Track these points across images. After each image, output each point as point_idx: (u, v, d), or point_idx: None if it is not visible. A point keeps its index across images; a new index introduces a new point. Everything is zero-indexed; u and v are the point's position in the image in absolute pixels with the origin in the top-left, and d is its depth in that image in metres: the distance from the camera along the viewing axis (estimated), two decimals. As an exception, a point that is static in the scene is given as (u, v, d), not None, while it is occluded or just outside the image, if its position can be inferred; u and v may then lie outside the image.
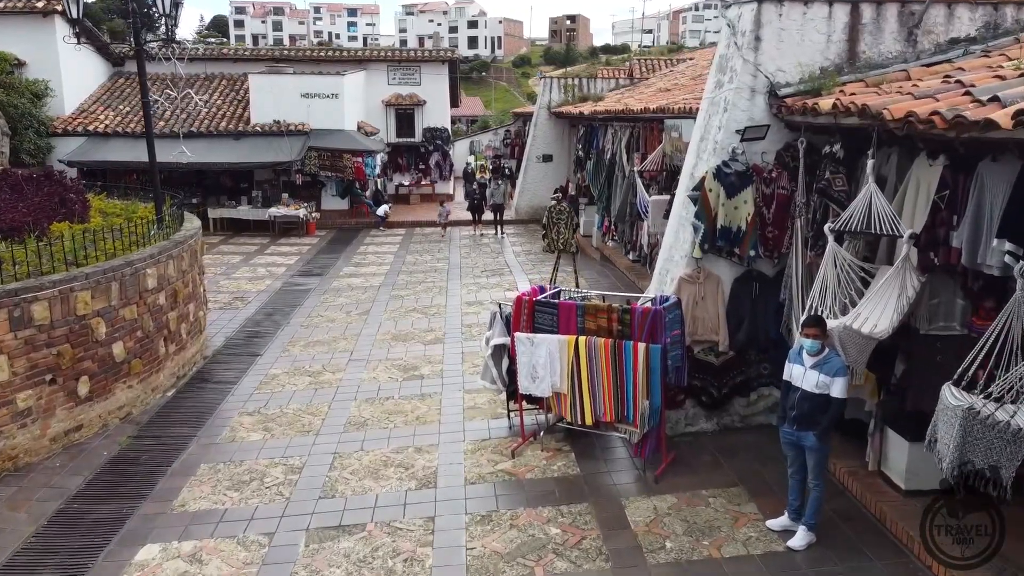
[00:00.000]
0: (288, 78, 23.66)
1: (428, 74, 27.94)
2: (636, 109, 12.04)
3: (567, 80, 23.58)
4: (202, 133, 22.85)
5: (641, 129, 13.31)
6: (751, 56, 6.95)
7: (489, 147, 40.09)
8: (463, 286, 15.00)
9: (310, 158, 22.57)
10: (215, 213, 22.17)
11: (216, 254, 19.09)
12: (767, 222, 7.19)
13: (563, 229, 13.64)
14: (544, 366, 7.16)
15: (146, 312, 9.05)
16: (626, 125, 15.11)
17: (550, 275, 14.42)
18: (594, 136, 18.92)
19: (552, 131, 23.62)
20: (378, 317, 12.91)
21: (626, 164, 14.46)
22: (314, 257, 18.82)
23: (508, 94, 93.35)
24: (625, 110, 12.73)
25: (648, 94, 16.83)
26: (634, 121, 14.13)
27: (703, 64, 21.61)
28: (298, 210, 21.66)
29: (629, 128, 14.91)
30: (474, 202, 21.48)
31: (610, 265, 16.24)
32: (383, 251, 19.60)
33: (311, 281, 16.00)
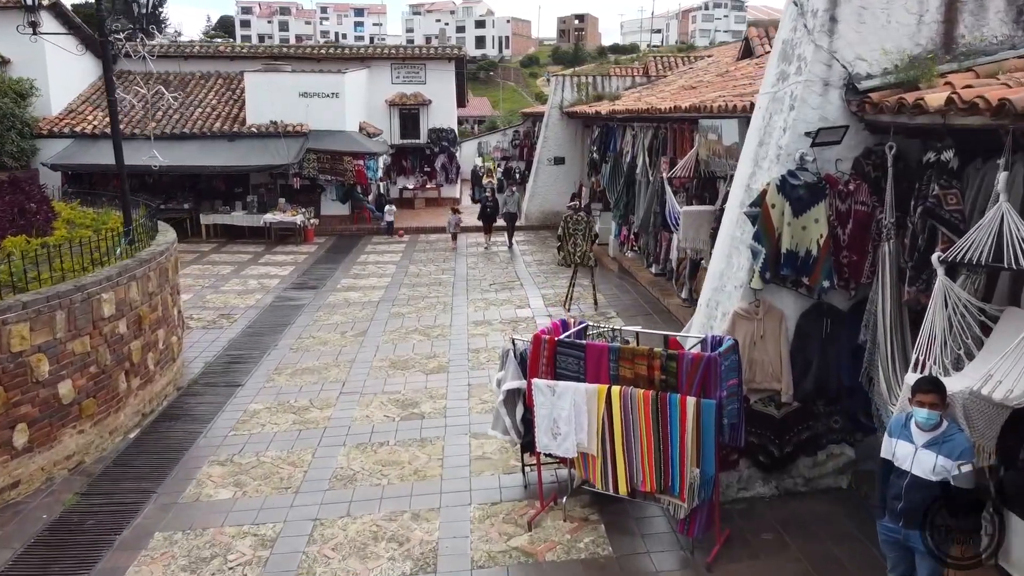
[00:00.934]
0: (286, 76, 22.43)
1: (434, 72, 26.68)
2: (663, 108, 10.73)
3: (580, 78, 22.27)
4: (195, 135, 21.64)
5: (668, 130, 11.99)
6: (824, 41, 5.63)
7: (497, 148, 38.79)
8: (470, 302, 13.70)
9: (308, 160, 21.33)
10: (208, 219, 20.95)
11: (206, 263, 17.86)
12: (842, 245, 5.86)
13: (580, 241, 12.32)
14: (568, 420, 5.86)
15: (102, 344, 7.79)
16: (648, 126, 13.80)
17: (565, 291, 13.10)
18: (611, 137, 17.60)
19: (564, 132, 22.32)
20: (375, 339, 11.63)
21: (648, 169, 13.15)
22: (310, 267, 17.56)
23: (516, 94, 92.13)
24: (650, 109, 11.43)
25: (671, 92, 15.51)
26: (659, 121, 12.81)
27: (725, 60, 20.28)
28: (295, 216, 20.42)
29: (651, 129, 13.59)
30: (486, 211, 19.66)
31: (630, 279, 14.91)
32: (384, 260, 18.33)
33: (305, 295, 14.74)
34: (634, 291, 13.92)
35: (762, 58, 16.12)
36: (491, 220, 19.68)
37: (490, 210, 19.62)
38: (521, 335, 7.01)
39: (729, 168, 8.60)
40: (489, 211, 19.61)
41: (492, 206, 19.60)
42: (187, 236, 21.26)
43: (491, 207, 19.60)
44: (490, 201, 19.68)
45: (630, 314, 12.31)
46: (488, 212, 19.61)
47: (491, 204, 19.64)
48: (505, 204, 19.55)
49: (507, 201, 19.65)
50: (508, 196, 19.89)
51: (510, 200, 19.72)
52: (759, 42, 17.34)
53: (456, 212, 20.05)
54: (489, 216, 19.63)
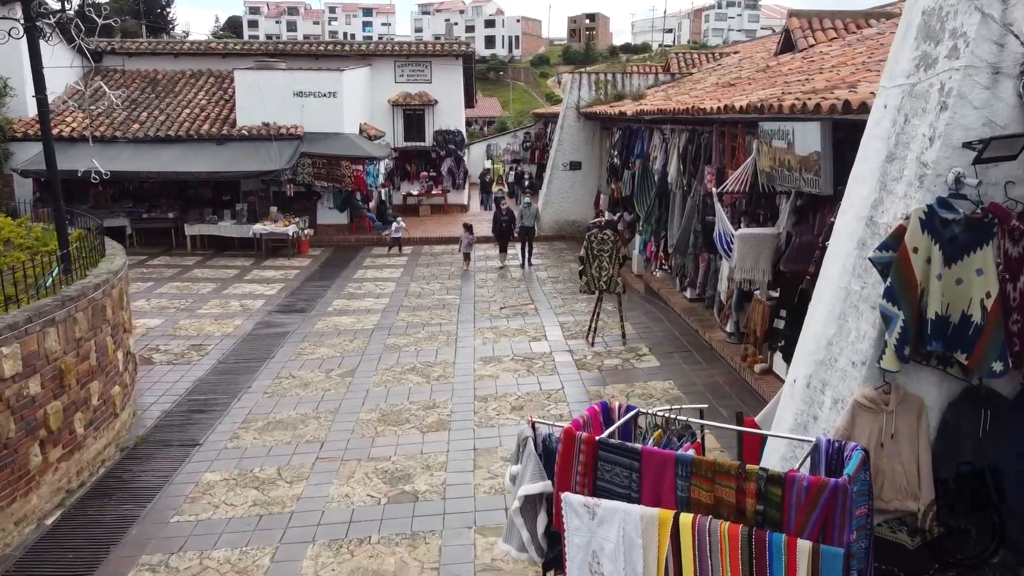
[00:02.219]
0: (279, 74, 20.73)
1: (440, 70, 24.95)
2: (710, 108, 8.93)
3: (598, 76, 20.47)
4: (180, 137, 19.98)
5: (711, 134, 10.18)
6: (996, 8, 3.82)
7: (507, 151, 37.04)
8: (477, 332, 11.92)
9: (303, 166, 19.63)
10: (192, 230, 19.26)
11: (187, 280, 16.15)
12: (1012, 306, 4.05)
13: (607, 264, 10.53)
14: (614, 556, 4.06)
15: (3, 411, 6.06)
16: (681, 128, 12.01)
17: (588, 320, 11.28)
18: (635, 141, 15.80)
19: (581, 134, 20.52)
20: (365, 380, 9.88)
21: (682, 179, 11.35)
22: (301, 285, 15.83)
23: (526, 94, 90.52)
24: (690, 109, 9.61)
25: (705, 90, 13.70)
26: (697, 124, 11.01)
27: (760, 56, 18.46)
28: (287, 226, 18.71)
29: (685, 132, 11.81)
30: (501, 226, 17.36)
31: (659, 303, 13.09)
32: (384, 277, 16.59)
33: (291, 321, 13.00)
34: (666, 319, 12.08)
35: (807, 52, 14.30)
36: (507, 236, 17.47)
37: (505, 224, 17.39)
38: (544, 419, 5.23)
39: (804, 183, 6.80)
40: (504, 225, 17.38)
41: (507, 220, 17.40)
42: (172, 248, 19.65)
43: (506, 221, 17.38)
44: (505, 215, 17.43)
45: (665, 350, 10.50)
46: (503, 227, 17.37)
47: (506, 218, 17.40)
48: (522, 217, 17.33)
49: (524, 214, 17.41)
50: (525, 208, 17.63)
51: (527, 213, 17.44)
52: (801, 34, 15.51)
53: (469, 230, 17.26)
54: (504, 231, 17.41)
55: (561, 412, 8.48)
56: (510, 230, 17.39)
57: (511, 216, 17.49)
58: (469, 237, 17.07)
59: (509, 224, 17.39)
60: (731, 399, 8.52)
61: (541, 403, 8.78)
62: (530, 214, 17.45)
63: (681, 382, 9.17)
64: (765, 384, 8.52)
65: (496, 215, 17.73)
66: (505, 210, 17.63)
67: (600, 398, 8.84)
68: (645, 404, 8.54)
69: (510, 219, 17.43)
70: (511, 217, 17.47)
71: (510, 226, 17.40)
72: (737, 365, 9.30)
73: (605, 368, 9.90)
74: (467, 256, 17.05)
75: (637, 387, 9.12)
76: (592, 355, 10.46)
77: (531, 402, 8.80)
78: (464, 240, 17.06)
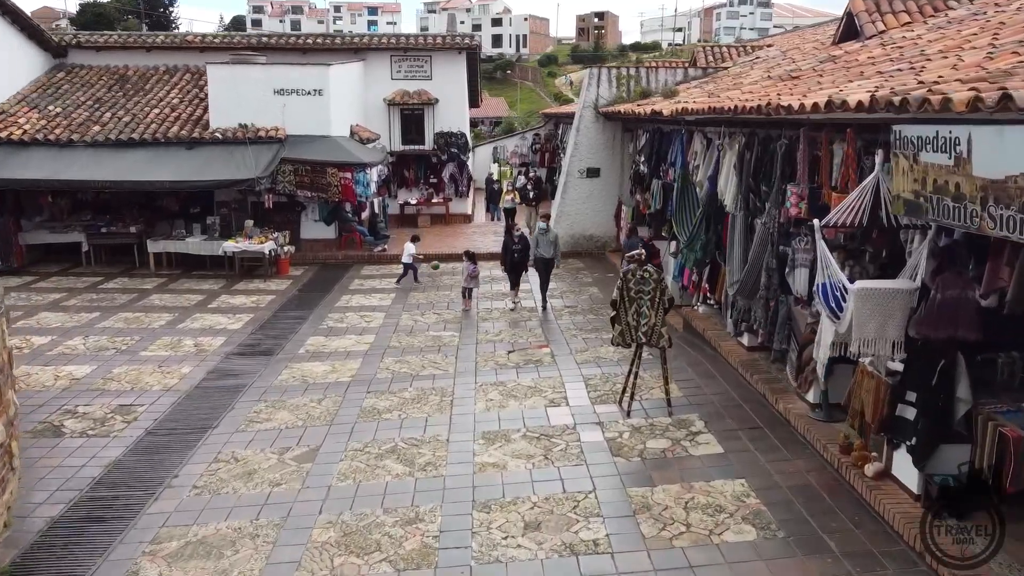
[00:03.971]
0: (257, 69, 18.30)
1: (441, 66, 22.48)
2: (803, 106, 6.36)
3: (619, 71, 17.98)
4: (145, 141, 17.56)
5: (800, 140, 7.64)
6: None
7: (515, 153, 34.60)
8: (479, 390, 9.42)
9: (283, 173, 17.20)
10: (156, 246, 16.83)
11: (139, 310, 13.73)
12: None
13: (647, 309, 8.03)
14: None
15: None
16: (736, 132, 9.53)
17: (624, 379, 8.76)
18: (668, 146, 13.33)
19: (600, 137, 18.02)
20: (329, 469, 7.40)
21: (740, 198, 8.84)
22: (274, 316, 13.39)
23: (533, 94, 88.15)
24: (770, 107, 6.97)
25: (761, 84, 11.17)
26: (762, 126, 8.52)
27: (808, 46, 15.95)
28: (263, 243, 16.26)
29: (740, 136, 9.34)
30: (513, 258, 13.64)
31: (705, 349, 10.57)
32: (371, 305, 14.13)
33: (251, 368, 10.57)
34: (719, 374, 9.52)
35: (882, 38, 11.79)
36: (519, 270, 13.87)
37: (518, 255, 13.59)
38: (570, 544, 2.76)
39: (994, 223, 4.29)
40: (516, 257, 13.61)
41: (520, 249, 13.59)
42: (135, 267, 17.25)
43: (519, 251, 13.57)
44: (517, 243, 13.59)
45: (726, 426, 7.95)
46: (515, 259, 13.63)
47: (518, 247, 13.57)
48: (537, 245, 13.47)
49: (539, 241, 13.45)
50: (540, 234, 13.52)
51: (543, 240, 13.40)
52: (868, 18, 12.97)
53: (471, 259, 13.55)
54: (517, 264, 13.74)
55: (595, 536, 5.99)
56: (523, 262, 13.73)
57: (524, 244, 13.71)
58: (471, 268, 13.50)
59: (523, 255, 13.65)
60: (838, 518, 6.00)
61: (566, 519, 6.28)
62: (547, 241, 13.42)
63: (758, 483, 6.65)
64: (883, 495, 6.02)
65: (506, 244, 13.92)
66: (518, 237, 13.79)
67: (646, 507, 6.36)
68: (713, 523, 6.04)
69: (524, 248, 13.68)
70: (524, 245, 13.69)
71: (524, 257, 13.67)
72: (833, 457, 6.79)
73: (649, 454, 7.40)
74: (467, 293, 13.60)
75: (698, 490, 6.62)
76: (629, 430, 7.96)
77: (551, 517, 6.31)
78: (464, 272, 13.69)
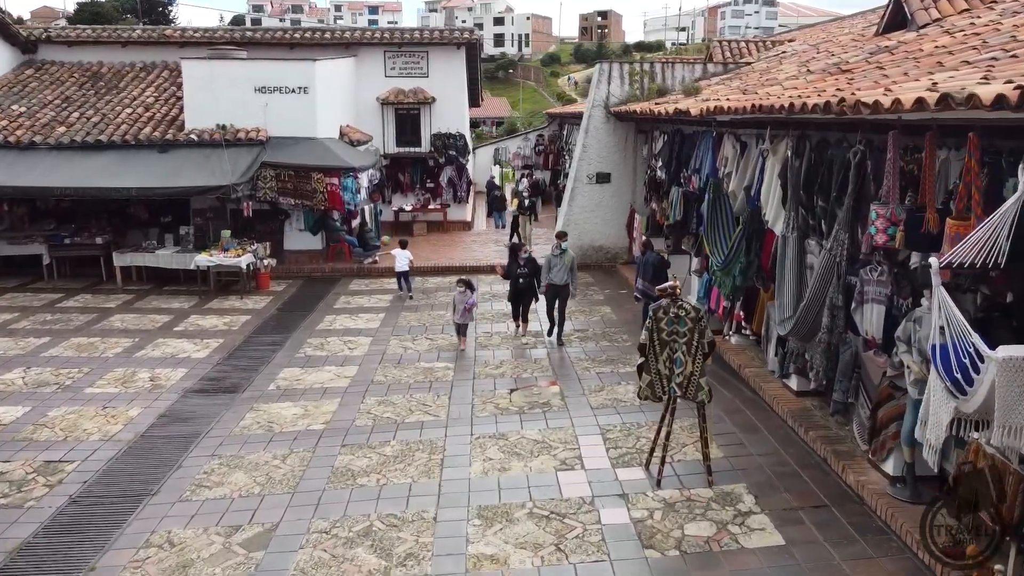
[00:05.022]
0: (237, 65, 16.78)
1: (439, 62, 20.93)
2: (896, 103, 4.77)
3: (632, 67, 16.43)
4: (114, 143, 16.05)
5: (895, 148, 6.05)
6: None
7: (517, 155, 33.05)
8: (475, 444, 7.87)
9: (264, 179, 15.67)
10: (123, 259, 15.28)
11: (96, 334, 12.20)
12: None
13: (683, 355, 6.48)
14: None
15: None
16: (781, 135, 7.99)
17: (652, 440, 7.18)
18: (693, 150, 11.79)
19: (610, 139, 16.48)
20: (285, 562, 5.85)
21: (792, 216, 7.29)
22: (247, 341, 11.86)
23: (536, 94, 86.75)
24: (849, 104, 5.36)
25: (807, 79, 9.60)
26: (831, 128, 6.98)
27: (842, 38, 14.42)
28: (240, 256, 14.72)
29: (785, 140, 7.81)
30: (518, 285, 11.51)
31: (740, 388, 9.00)
32: (358, 327, 12.59)
33: (211, 410, 9.03)
34: (764, 424, 7.96)
35: (941, 26, 10.25)
36: (525, 298, 11.62)
37: (524, 282, 11.41)
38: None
39: None
40: (522, 284, 11.42)
41: (528, 274, 11.41)
42: (101, 282, 15.74)
43: (525, 276, 11.40)
44: (524, 267, 11.42)
45: (782, 503, 6.37)
46: (521, 286, 11.45)
47: (525, 271, 11.41)
48: (550, 268, 11.21)
49: (553, 264, 11.19)
50: (554, 256, 11.22)
51: (557, 263, 11.14)
52: (920, 5, 11.42)
53: (468, 287, 11.03)
54: (522, 292, 11.52)
55: None
56: (532, 289, 11.55)
57: (533, 268, 11.47)
58: (468, 300, 10.90)
59: (530, 280, 11.45)
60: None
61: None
62: (562, 265, 11.12)
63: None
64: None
65: (511, 268, 11.71)
66: (525, 259, 11.53)
67: (694, 630, 4.80)
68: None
69: (531, 273, 11.44)
70: (533, 269, 11.47)
71: (532, 283, 11.48)
72: (931, 561, 5.22)
73: (690, 546, 5.84)
74: (463, 330, 11.19)
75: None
76: (661, 507, 6.40)
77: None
78: (458, 306, 10.92)
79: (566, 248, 11.30)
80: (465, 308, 10.91)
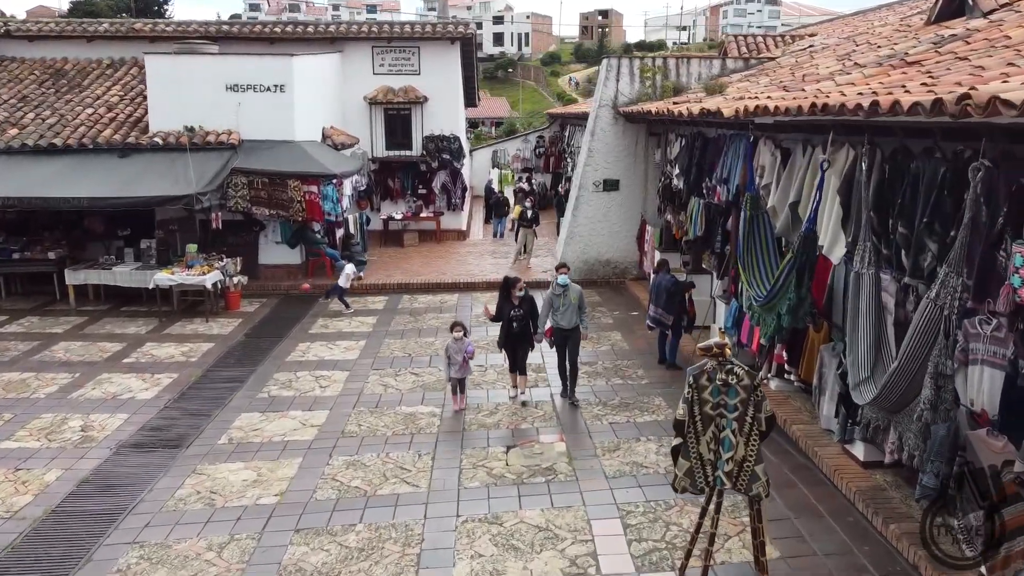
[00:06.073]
0: (207, 61, 15.19)
1: (431, 58, 19.34)
2: None
3: (643, 62, 14.84)
4: (70, 148, 14.46)
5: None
6: None
7: (517, 157, 31.45)
8: (462, 533, 6.25)
9: (235, 186, 14.08)
10: (76, 277, 13.67)
11: (30, 368, 10.60)
12: None
13: (733, 435, 4.90)
14: None
15: None
16: (842, 142, 6.43)
17: (689, 540, 5.57)
18: (716, 157, 10.21)
19: (619, 142, 14.90)
20: None
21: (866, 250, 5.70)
22: (204, 376, 10.27)
23: (536, 94, 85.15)
24: (980, 102, 3.88)
25: (849, 74, 8.02)
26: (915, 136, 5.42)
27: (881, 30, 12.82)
28: (206, 274, 13.11)
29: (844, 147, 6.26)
30: (511, 329, 8.91)
31: (788, 449, 7.38)
32: (333, 357, 11.00)
33: (144, 473, 7.44)
34: (826, 508, 6.32)
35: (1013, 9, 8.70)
36: (521, 347, 9.03)
37: (518, 327, 8.84)
38: None
39: None
40: (516, 329, 8.86)
41: (522, 317, 8.84)
42: (55, 301, 14.15)
43: (519, 320, 8.82)
44: (519, 310, 8.83)
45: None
46: (515, 331, 8.88)
47: (520, 315, 8.82)
48: (554, 308, 8.81)
49: (557, 303, 8.78)
50: (557, 295, 8.79)
51: (563, 302, 8.76)
52: (980, -9, 9.86)
53: (461, 331, 8.73)
54: (517, 339, 8.95)
55: None
56: (527, 336, 8.95)
57: (530, 309, 8.94)
58: (466, 350, 8.63)
59: (525, 326, 8.87)
60: None
61: None
62: (569, 305, 8.75)
63: None
64: None
65: (502, 308, 8.97)
66: (522, 297, 8.91)
67: None
68: None
69: (528, 315, 8.88)
70: (530, 310, 8.92)
71: (527, 329, 8.90)
72: None
73: None
74: (461, 386, 8.84)
75: None
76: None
77: None
78: (453, 356, 8.58)
79: (568, 283, 8.88)
80: (460, 361, 8.59)
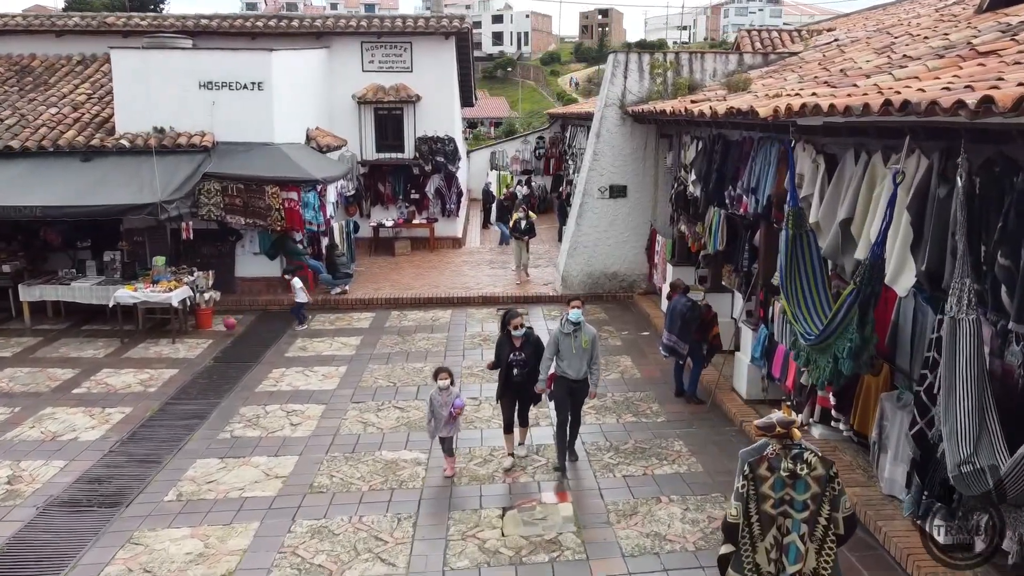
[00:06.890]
0: (177, 56, 13.94)
1: (424, 55, 18.11)
2: None
3: (655, 57, 13.61)
4: (27, 151, 13.24)
5: None
6: None
7: (516, 158, 30.20)
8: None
9: (208, 193, 12.87)
10: (31, 293, 12.42)
11: (-34, 402, 9.38)
12: None
13: (801, 539, 3.67)
14: None
15: None
16: (912, 149, 5.21)
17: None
18: (740, 162, 8.98)
19: (627, 145, 13.66)
20: None
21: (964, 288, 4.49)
22: (162, 410, 9.03)
23: (536, 94, 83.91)
24: None
25: (888, 66, 6.80)
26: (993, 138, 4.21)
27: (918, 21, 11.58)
28: (172, 290, 11.87)
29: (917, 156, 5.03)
30: (511, 377, 7.32)
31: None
32: (309, 388, 9.77)
33: (64, 547, 6.20)
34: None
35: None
36: (523, 399, 7.53)
37: (519, 375, 7.30)
38: None
39: None
40: (518, 377, 7.31)
41: (524, 363, 7.28)
42: (11, 318, 12.93)
43: (521, 365, 7.28)
44: (519, 354, 7.29)
45: None
46: (516, 379, 7.33)
47: (521, 360, 7.28)
48: (560, 356, 7.23)
49: (563, 345, 7.17)
50: (565, 333, 7.16)
51: (570, 343, 7.13)
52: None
53: (447, 379, 7.07)
54: (519, 389, 7.40)
55: None
56: (526, 388, 7.38)
57: (534, 351, 7.34)
58: (455, 403, 7.05)
59: (524, 377, 7.31)
60: None
61: None
62: (579, 350, 7.13)
63: None
64: None
65: (500, 350, 7.45)
66: (523, 337, 7.32)
67: None
68: None
69: (531, 358, 7.31)
70: (533, 352, 7.33)
71: (530, 378, 7.33)
72: None
73: None
74: (448, 445, 7.29)
75: None
76: None
77: None
78: (439, 411, 7.03)
79: (581, 320, 7.14)
80: (451, 414, 7.03)
